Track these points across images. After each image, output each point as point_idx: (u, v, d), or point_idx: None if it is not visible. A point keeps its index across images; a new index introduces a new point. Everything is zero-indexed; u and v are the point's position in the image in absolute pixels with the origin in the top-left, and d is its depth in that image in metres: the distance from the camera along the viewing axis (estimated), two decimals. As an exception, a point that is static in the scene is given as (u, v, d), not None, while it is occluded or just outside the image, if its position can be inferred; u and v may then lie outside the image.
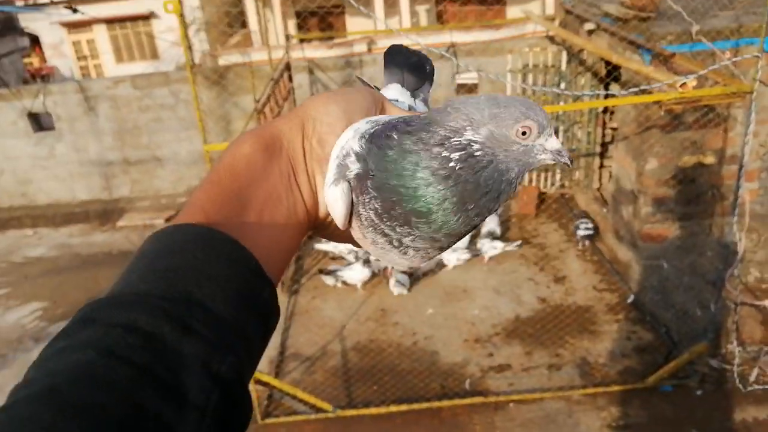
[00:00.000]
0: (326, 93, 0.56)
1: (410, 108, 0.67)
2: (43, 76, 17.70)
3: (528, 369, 4.89)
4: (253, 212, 0.48)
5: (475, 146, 0.48)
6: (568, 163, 0.52)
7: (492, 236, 6.63)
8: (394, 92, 0.69)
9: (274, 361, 5.30)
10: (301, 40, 9.04)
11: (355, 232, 0.54)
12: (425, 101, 0.71)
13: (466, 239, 6.60)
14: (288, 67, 7.83)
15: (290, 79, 7.92)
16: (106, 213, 8.65)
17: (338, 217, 0.51)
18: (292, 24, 12.25)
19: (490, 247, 6.48)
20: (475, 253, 6.50)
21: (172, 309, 0.38)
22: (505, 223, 7.15)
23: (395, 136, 0.49)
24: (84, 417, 0.32)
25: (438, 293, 6.08)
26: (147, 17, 17.57)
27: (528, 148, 0.50)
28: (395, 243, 0.52)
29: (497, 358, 5.04)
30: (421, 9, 13.74)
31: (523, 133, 0.49)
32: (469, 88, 8.27)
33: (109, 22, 17.73)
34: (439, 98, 8.33)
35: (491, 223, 6.75)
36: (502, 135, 0.49)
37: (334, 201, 0.51)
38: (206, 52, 14.56)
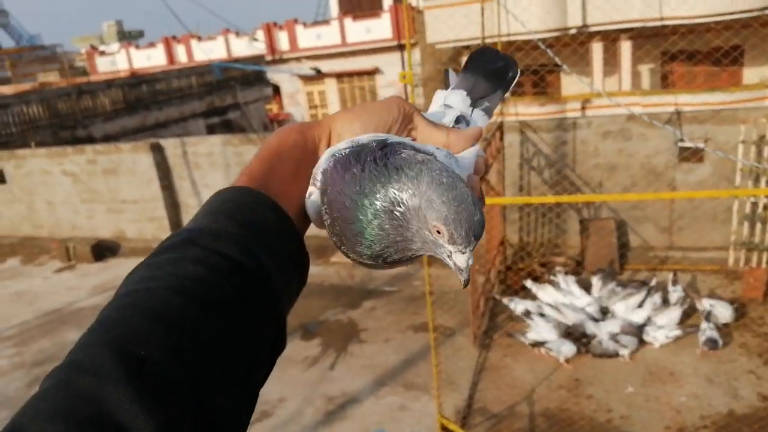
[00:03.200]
0: (354, 108, 0.64)
1: (460, 119, 0.69)
2: (279, 122, 20.26)
3: (741, 474, 4.38)
4: (283, 185, 0.58)
5: (401, 208, 0.53)
6: (462, 281, 0.55)
7: (709, 318, 6.06)
8: (452, 99, 0.71)
9: (462, 412, 5.40)
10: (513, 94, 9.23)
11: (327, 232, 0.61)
12: (487, 111, 0.72)
13: (676, 315, 6.14)
14: (501, 126, 8.08)
15: (501, 138, 8.15)
16: (322, 248, 9.57)
17: (312, 218, 0.61)
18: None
19: (709, 332, 5.86)
20: (688, 330, 5.99)
21: (248, 246, 0.51)
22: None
23: (360, 163, 0.55)
24: (209, 309, 0.46)
25: (639, 371, 5.72)
26: (372, 72, 19.29)
27: (437, 243, 0.54)
28: (341, 249, 0.59)
29: (704, 455, 4.59)
30: (644, 68, 13.12)
31: (438, 231, 0.53)
32: (694, 151, 7.45)
33: (339, 76, 19.79)
34: (659, 164, 7.87)
35: (721, 309, 6.13)
36: (422, 218, 0.53)
37: (309, 205, 0.60)
38: (422, 107, 15.53)
